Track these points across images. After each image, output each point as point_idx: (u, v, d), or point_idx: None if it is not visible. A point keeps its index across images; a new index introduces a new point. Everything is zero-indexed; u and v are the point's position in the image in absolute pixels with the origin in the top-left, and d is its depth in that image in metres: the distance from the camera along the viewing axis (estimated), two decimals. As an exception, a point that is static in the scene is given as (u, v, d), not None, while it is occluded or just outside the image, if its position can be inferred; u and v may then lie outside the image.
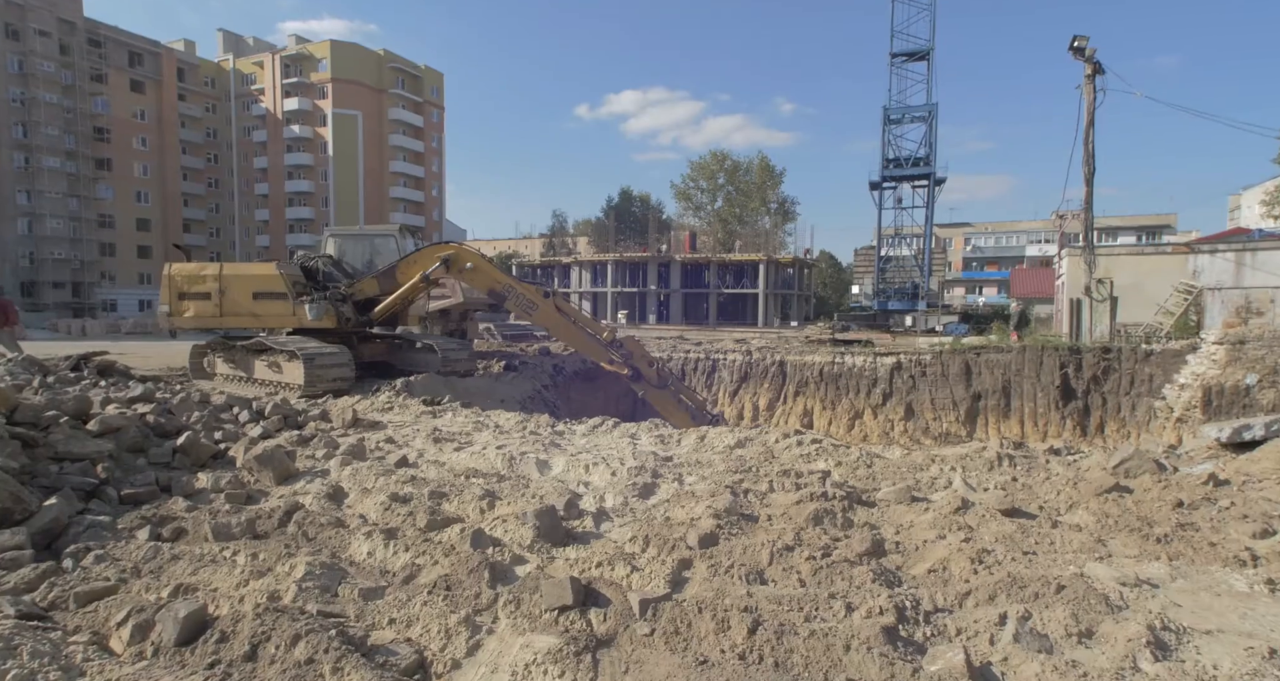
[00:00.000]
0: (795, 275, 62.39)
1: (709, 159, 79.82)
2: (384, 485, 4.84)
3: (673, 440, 7.15)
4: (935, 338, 37.59)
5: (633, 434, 7.63)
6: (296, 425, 7.87)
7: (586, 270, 64.68)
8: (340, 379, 11.59)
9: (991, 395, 22.98)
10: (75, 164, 63.02)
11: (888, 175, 43.49)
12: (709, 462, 5.84)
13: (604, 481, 5.27)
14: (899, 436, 23.76)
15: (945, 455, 5.59)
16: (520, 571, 3.36)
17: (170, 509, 4.50)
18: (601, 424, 8.20)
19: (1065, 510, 4.04)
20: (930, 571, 3.14)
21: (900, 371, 24.67)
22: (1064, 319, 31.44)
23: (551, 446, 6.87)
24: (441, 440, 7.09)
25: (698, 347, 28.37)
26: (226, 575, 3.33)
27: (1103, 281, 22.16)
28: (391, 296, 13.14)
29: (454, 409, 9.46)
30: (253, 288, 12.64)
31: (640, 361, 12.97)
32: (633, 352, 13.00)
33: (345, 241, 14.68)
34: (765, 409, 25.85)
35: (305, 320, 12.61)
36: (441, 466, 5.70)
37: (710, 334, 39.82)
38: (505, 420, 8.66)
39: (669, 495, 4.54)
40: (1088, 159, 21.44)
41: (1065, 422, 21.69)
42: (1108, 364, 21.32)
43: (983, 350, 23.69)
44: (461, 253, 12.78)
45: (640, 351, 13.12)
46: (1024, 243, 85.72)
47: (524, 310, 12.68)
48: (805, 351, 27.34)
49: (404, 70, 79.15)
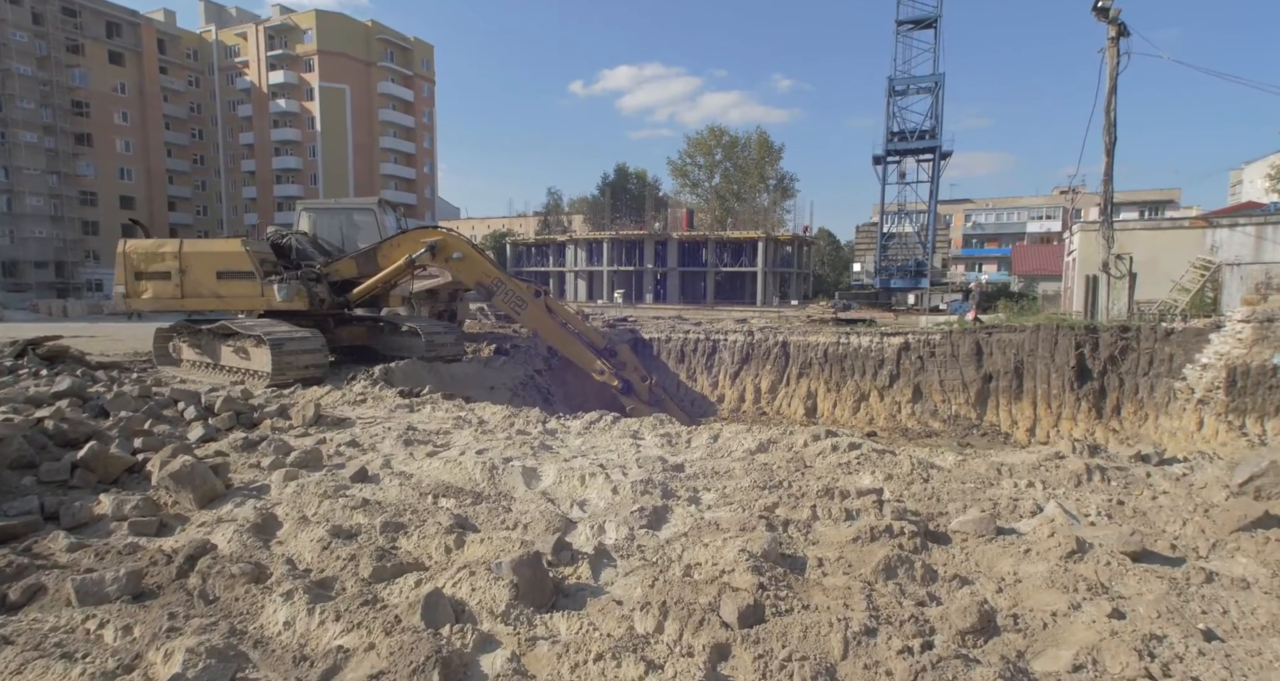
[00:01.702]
0: (794, 253, 61.20)
1: (706, 134, 78.17)
2: (329, 511, 3.86)
3: (681, 441, 6.17)
4: (939, 316, 36.68)
5: (635, 432, 6.65)
6: (251, 423, 6.86)
7: (582, 249, 63.36)
8: (312, 366, 10.56)
9: (1003, 376, 22.07)
10: (54, 139, 61.13)
11: (892, 149, 42.13)
12: (728, 472, 4.88)
13: (604, 500, 4.30)
14: (906, 419, 22.91)
15: (1013, 464, 4.63)
16: (486, 666, 2.39)
17: (43, 549, 3.50)
18: (599, 419, 7.22)
19: (1208, 551, 3.10)
20: (1076, 668, 2.20)
21: (908, 352, 23.73)
22: (1074, 297, 30.52)
23: (541, 449, 5.90)
24: (414, 442, 6.10)
25: (697, 328, 27.37)
26: (72, 675, 2.33)
27: (1122, 257, 21.16)
28: (372, 279, 12.10)
29: (434, 401, 8.46)
30: (216, 266, 11.55)
31: (633, 374, 12.13)
32: (627, 363, 12.14)
33: (320, 216, 13.56)
34: (768, 391, 24.94)
35: (275, 302, 11.56)
36: (407, 480, 4.72)
37: (709, 313, 38.84)
38: (491, 414, 7.67)
39: (686, 525, 3.58)
40: (1109, 128, 20.32)
41: (1080, 404, 20.83)
42: (1126, 343, 20.39)
43: (994, 330, 22.75)
44: (449, 240, 11.71)
45: (635, 364, 12.23)
46: (1024, 219, 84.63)
47: (512, 308, 11.69)
48: (808, 332, 26.34)
49: (393, 42, 76.87)
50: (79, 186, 64.22)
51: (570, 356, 12.15)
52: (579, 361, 11.99)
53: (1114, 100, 20.09)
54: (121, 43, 65.61)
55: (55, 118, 60.73)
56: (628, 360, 11.81)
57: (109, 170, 66.66)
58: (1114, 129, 20.18)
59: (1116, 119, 20.14)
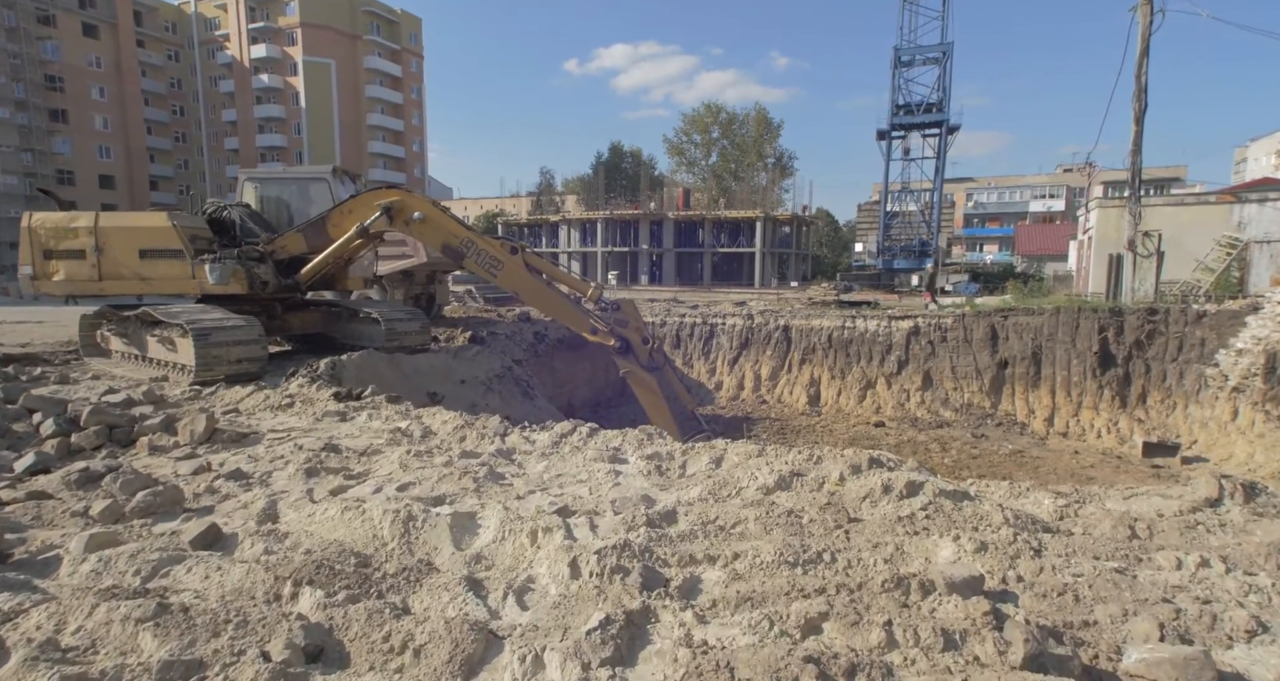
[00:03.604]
0: (793, 233, 59.50)
1: (703, 111, 75.93)
2: (98, 627, 2.39)
3: (673, 466, 4.73)
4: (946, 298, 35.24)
5: (615, 451, 5.22)
6: (126, 440, 5.40)
7: (575, 229, 61.57)
8: (246, 360, 9.05)
9: (1020, 362, 20.70)
10: (27, 115, 58.86)
11: (897, 123, 40.31)
12: (738, 525, 3.46)
13: (556, 585, 2.87)
14: (915, 408, 21.57)
15: (1148, 517, 3.21)
16: None
17: None
18: (572, 432, 5.76)
19: None
20: None
21: (918, 336, 22.33)
22: (1090, 277, 29.07)
23: (489, 480, 4.46)
24: (323, 470, 4.65)
25: (694, 311, 25.88)
26: None
27: (1149, 234, 19.68)
28: (321, 255, 10.54)
29: (375, 404, 6.99)
30: (138, 244, 9.99)
31: (633, 332, 10.25)
32: (629, 320, 10.30)
33: (267, 187, 11.97)
34: (768, 378, 23.56)
35: (207, 285, 10.03)
36: (277, 544, 3.28)
37: (706, 295, 37.32)
38: (440, 424, 6.21)
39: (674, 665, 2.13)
40: (1139, 94, 18.73)
41: (1103, 393, 19.48)
42: (1153, 327, 19.00)
43: (1010, 313, 21.33)
44: (408, 199, 10.08)
45: (636, 319, 10.39)
46: (1027, 198, 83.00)
47: (487, 269, 10.00)
48: (811, 315, 24.88)
49: (379, 14, 74.26)
50: (55, 165, 62.04)
51: (559, 317, 10.47)
52: (569, 323, 10.32)
53: (1145, 63, 18.49)
54: (96, 14, 63.04)
55: (27, 93, 58.41)
56: (630, 316, 10.07)
57: (87, 148, 64.43)
58: (1145, 95, 18.61)
59: (1148, 84, 18.56)
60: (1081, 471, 15.70)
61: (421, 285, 19.24)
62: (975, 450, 17.54)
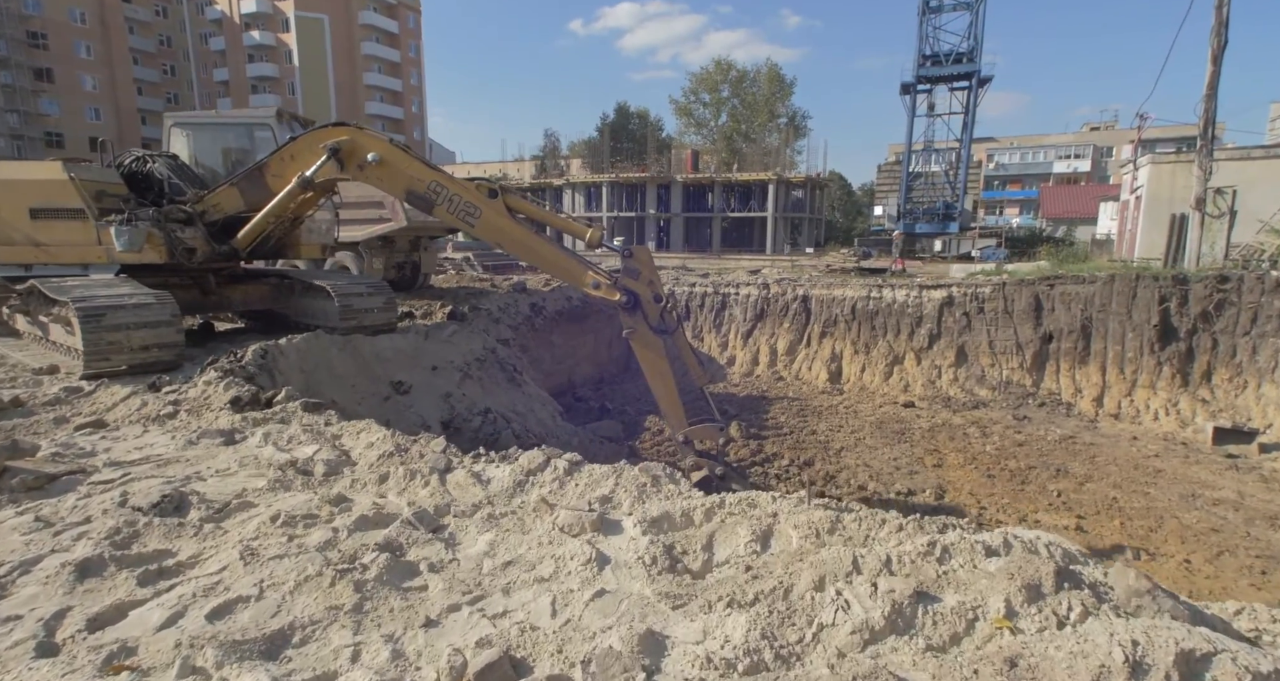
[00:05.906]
0: (807, 197, 56.84)
1: (713, 69, 72.43)
2: None
3: (693, 549, 2.90)
4: (972, 264, 33.06)
5: (603, 502, 3.40)
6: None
7: (580, 193, 59.14)
8: (156, 347, 7.24)
9: (1067, 336, 18.67)
10: (10, 74, 56.47)
11: (924, 74, 37.41)
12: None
13: None
14: (948, 386, 19.67)
15: None
16: None
17: None
18: (544, 467, 3.91)
19: None
20: None
21: (951, 307, 20.29)
22: (1138, 241, 26.82)
23: (384, 585, 2.66)
24: (112, 564, 2.85)
25: (704, 280, 23.86)
26: None
27: (1223, 191, 17.43)
28: (260, 213, 8.62)
29: (285, 415, 5.17)
30: (27, 201, 8.12)
31: (643, 286, 7.56)
32: (641, 270, 7.51)
33: (200, 134, 10.01)
34: (785, 353, 21.65)
35: (115, 252, 8.17)
36: None
37: (716, 262, 35.22)
38: (363, 449, 4.41)
39: None
40: (1218, 28, 16.35)
41: (1161, 370, 17.44)
42: (1224, 296, 16.88)
43: (1058, 281, 19.25)
44: (359, 137, 7.82)
45: (649, 270, 7.58)
46: (1051, 159, 79.46)
47: (461, 218, 7.74)
48: (832, 284, 22.82)
49: (373, -34, 70.84)
50: (42, 127, 59.86)
51: (552, 271, 8.04)
52: (565, 276, 7.86)
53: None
54: (76, -35, 60.10)
55: (10, 49, 55.92)
56: (643, 266, 7.39)
57: (75, 109, 62.10)
58: (1225, 30, 16.22)
59: (1229, 18, 16.15)
60: (1145, 461, 13.86)
61: (404, 253, 17.32)
62: (1020, 435, 15.68)
